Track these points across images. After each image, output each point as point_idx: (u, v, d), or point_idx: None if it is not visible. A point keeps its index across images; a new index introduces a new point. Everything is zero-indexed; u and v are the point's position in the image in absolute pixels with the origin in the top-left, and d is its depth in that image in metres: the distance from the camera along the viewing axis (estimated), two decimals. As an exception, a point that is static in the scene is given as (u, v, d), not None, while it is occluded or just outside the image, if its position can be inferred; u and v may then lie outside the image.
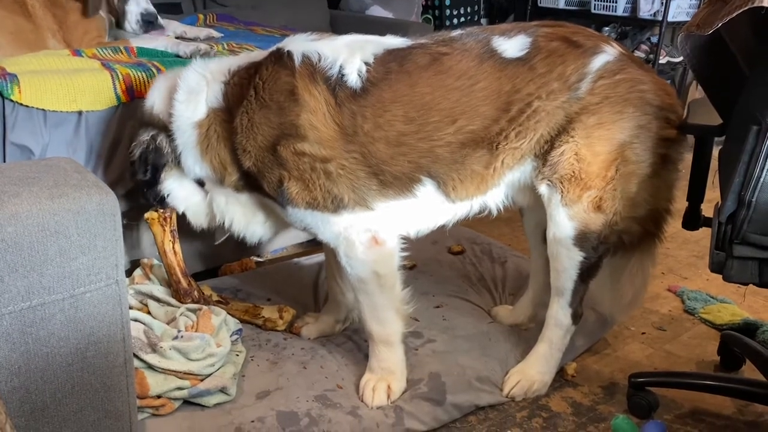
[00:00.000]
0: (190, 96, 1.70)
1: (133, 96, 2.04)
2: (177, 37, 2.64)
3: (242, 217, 1.85)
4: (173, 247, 1.95)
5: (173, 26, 2.74)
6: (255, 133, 1.63)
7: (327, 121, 1.59)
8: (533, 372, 1.88)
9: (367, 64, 1.62)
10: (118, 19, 2.55)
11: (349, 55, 1.63)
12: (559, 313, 1.83)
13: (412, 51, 1.65)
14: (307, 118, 1.59)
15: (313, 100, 1.59)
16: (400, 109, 1.60)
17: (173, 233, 1.94)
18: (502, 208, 1.82)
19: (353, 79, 1.60)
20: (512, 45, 1.65)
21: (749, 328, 2.20)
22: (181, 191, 1.84)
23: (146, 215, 1.91)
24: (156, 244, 1.95)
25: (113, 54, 2.26)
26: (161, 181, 1.81)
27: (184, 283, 1.97)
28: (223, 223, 1.86)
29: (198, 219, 1.89)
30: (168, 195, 1.84)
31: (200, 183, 1.82)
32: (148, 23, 2.48)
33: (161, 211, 1.89)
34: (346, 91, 1.60)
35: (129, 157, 1.81)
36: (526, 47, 1.64)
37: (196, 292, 1.99)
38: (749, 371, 1.96)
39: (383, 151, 1.61)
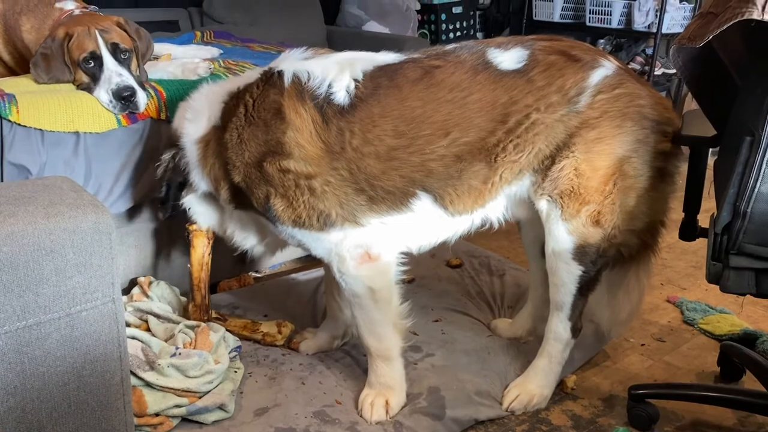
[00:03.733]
0: (196, 115, 1.77)
1: (134, 119, 2.05)
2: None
3: (241, 232, 1.90)
4: (209, 263, 1.99)
5: (177, 51, 2.67)
6: (243, 150, 1.66)
7: (313, 138, 1.61)
8: (533, 386, 1.87)
9: (356, 80, 1.63)
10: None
11: (338, 72, 1.64)
12: (559, 327, 1.83)
13: (403, 66, 1.66)
14: (292, 136, 1.61)
15: (299, 119, 1.61)
16: (389, 123, 1.61)
17: (211, 249, 1.98)
18: (503, 221, 1.82)
19: (341, 96, 1.62)
20: (509, 57, 1.66)
21: (749, 339, 2.19)
22: (198, 206, 1.90)
23: (192, 226, 1.95)
24: (192, 256, 1.97)
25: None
26: (183, 197, 1.88)
27: (206, 300, 2.00)
28: (229, 236, 1.92)
29: (219, 231, 1.96)
30: (189, 209, 1.90)
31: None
32: (126, 100, 2.00)
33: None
34: (333, 108, 1.61)
35: (155, 175, 1.89)
36: (524, 60, 1.65)
37: (210, 311, 2.03)
38: (749, 382, 1.96)
39: (374, 166, 1.62)
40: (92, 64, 2.05)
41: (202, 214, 1.92)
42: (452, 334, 2.16)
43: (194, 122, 1.76)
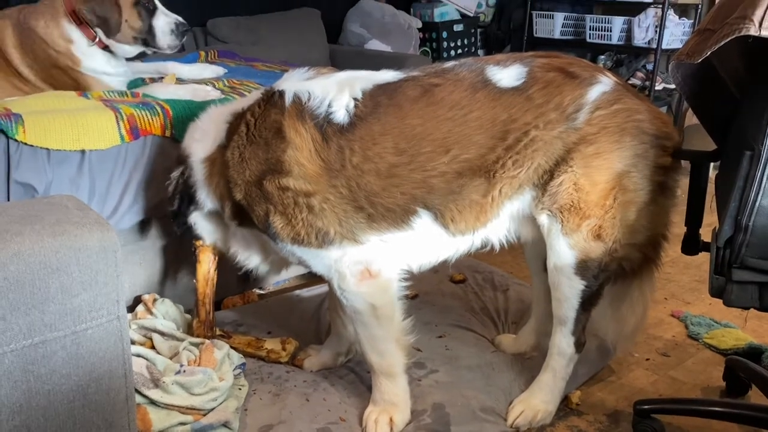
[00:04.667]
0: (203, 135, 1.81)
1: (137, 135, 2.07)
2: (179, 79, 2.64)
3: (245, 250, 1.93)
4: (214, 278, 2.00)
5: (181, 70, 2.73)
6: (244, 168, 1.68)
7: (312, 157, 1.63)
8: (537, 401, 1.86)
9: (355, 99, 1.65)
10: (144, 42, 2.44)
11: (338, 92, 1.66)
12: (562, 342, 1.83)
13: (402, 84, 1.68)
14: (292, 155, 1.63)
15: (298, 138, 1.63)
16: (389, 141, 1.63)
17: (216, 265, 2.00)
18: (505, 243, 1.82)
19: (341, 115, 1.64)
20: (508, 74, 1.67)
21: (754, 353, 2.18)
22: (203, 223, 1.93)
23: (198, 242, 1.97)
24: (197, 271, 1.99)
25: (119, 96, 2.29)
26: (189, 213, 1.90)
27: (210, 315, 2.01)
28: (233, 254, 1.94)
29: (223, 249, 1.97)
30: (194, 225, 1.93)
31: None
32: (184, 33, 2.35)
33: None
34: (333, 126, 1.63)
35: (167, 192, 1.93)
36: (522, 77, 1.66)
37: (215, 327, 2.03)
38: (756, 397, 1.95)
39: (374, 183, 1.63)
40: (147, 5, 2.28)
41: (207, 231, 1.95)
42: (456, 350, 2.15)
43: (201, 142, 1.80)
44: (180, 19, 2.37)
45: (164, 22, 2.36)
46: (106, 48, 2.42)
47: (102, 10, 2.27)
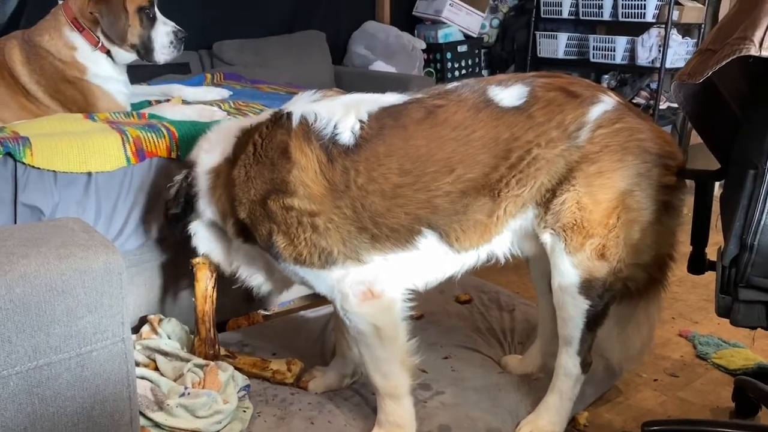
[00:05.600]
0: (212, 147, 1.84)
1: (143, 157, 2.09)
2: (184, 101, 2.68)
3: (248, 267, 1.93)
4: (213, 296, 1.99)
5: (187, 92, 2.77)
6: (249, 187, 1.70)
7: (318, 177, 1.64)
8: (544, 422, 1.84)
9: (361, 121, 1.67)
10: (142, 51, 2.49)
11: (344, 114, 1.68)
12: (568, 363, 1.81)
13: (407, 106, 1.70)
14: (297, 175, 1.64)
15: (304, 158, 1.64)
16: (394, 162, 1.64)
17: (215, 282, 1.99)
18: (510, 256, 1.82)
19: (346, 136, 1.65)
20: (509, 94, 1.69)
21: (763, 373, 2.16)
22: (203, 233, 1.92)
23: (195, 260, 1.98)
24: (196, 289, 1.99)
25: (125, 118, 2.32)
26: (189, 220, 1.90)
27: (212, 333, 2.01)
28: (236, 270, 1.94)
29: (218, 262, 1.97)
30: (193, 235, 1.92)
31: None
32: (182, 42, 2.43)
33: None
34: (339, 148, 1.65)
35: (166, 195, 1.94)
36: (524, 96, 1.68)
37: (217, 346, 2.02)
38: (765, 417, 1.92)
39: (379, 204, 1.64)
40: (149, 13, 2.37)
41: (206, 241, 1.93)
42: (462, 371, 2.14)
43: (209, 152, 1.83)
44: (178, 27, 2.44)
45: (163, 32, 2.43)
46: (108, 53, 2.48)
47: (110, 13, 2.33)
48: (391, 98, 1.74)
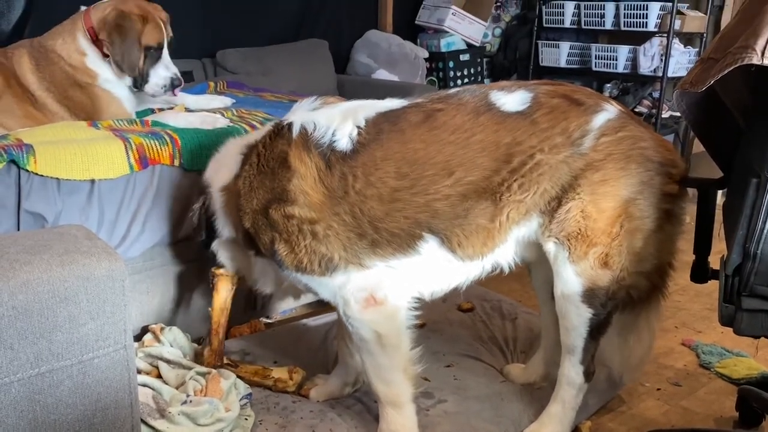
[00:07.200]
0: (221, 166, 1.87)
1: (146, 164, 2.10)
2: (187, 109, 2.68)
3: (262, 276, 1.95)
4: (228, 308, 2.01)
5: (189, 100, 2.77)
6: (252, 197, 1.72)
7: (317, 185, 1.65)
8: (547, 432, 1.84)
9: (358, 127, 1.68)
10: (137, 80, 2.47)
11: (342, 120, 1.70)
12: (571, 372, 1.81)
13: (405, 110, 1.71)
14: (297, 184, 1.65)
15: (303, 167, 1.66)
16: (391, 165, 1.64)
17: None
18: (513, 266, 1.82)
19: (344, 142, 1.67)
20: (512, 99, 1.69)
21: (767, 382, 2.15)
22: (224, 251, 1.97)
23: (218, 270, 2.00)
24: (214, 300, 2.00)
25: (128, 125, 2.33)
26: (212, 241, 1.95)
27: (222, 345, 2.02)
28: (253, 282, 1.98)
29: (243, 276, 2.00)
30: (216, 253, 1.97)
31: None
32: (173, 86, 2.45)
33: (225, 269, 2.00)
34: (337, 154, 1.66)
35: (189, 223, 2.00)
36: (528, 102, 1.68)
37: (223, 356, 2.03)
38: (770, 427, 1.92)
39: (377, 209, 1.64)
40: (156, 53, 2.34)
41: (228, 259, 1.98)
42: (465, 379, 2.13)
43: (219, 172, 1.86)
44: (178, 74, 2.45)
45: (162, 75, 2.42)
46: None
47: (124, 44, 2.33)
48: (390, 103, 1.75)
